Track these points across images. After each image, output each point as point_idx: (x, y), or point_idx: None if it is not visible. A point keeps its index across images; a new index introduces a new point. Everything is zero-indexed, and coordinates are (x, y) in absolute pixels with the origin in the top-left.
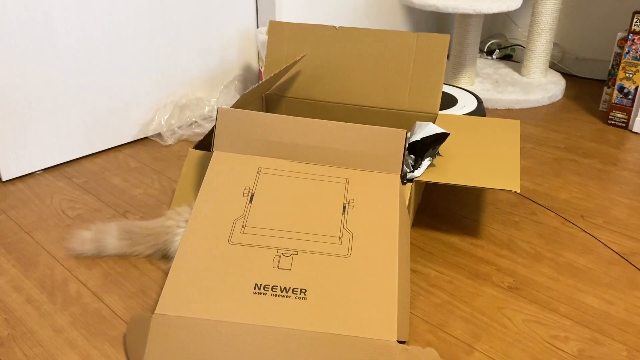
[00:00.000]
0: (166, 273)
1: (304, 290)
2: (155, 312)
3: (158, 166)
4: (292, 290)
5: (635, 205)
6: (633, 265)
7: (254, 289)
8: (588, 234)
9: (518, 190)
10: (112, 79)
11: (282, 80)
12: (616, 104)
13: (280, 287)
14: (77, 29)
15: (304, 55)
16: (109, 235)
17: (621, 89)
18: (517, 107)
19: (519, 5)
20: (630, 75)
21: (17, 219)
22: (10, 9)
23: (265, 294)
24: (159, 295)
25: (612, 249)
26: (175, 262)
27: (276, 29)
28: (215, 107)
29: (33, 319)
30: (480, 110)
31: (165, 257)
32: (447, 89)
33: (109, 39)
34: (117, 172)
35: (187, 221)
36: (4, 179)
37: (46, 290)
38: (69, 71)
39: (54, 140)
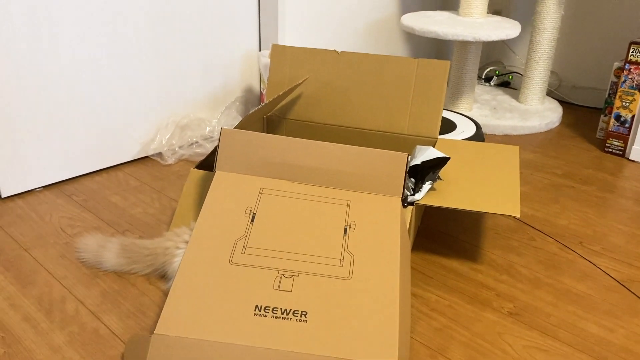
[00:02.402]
0: (165, 293)
1: (304, 313)
2: (154, 332)
3: (158, 185)
4: (293, 313)
5: (633, 232)
6: (632, 292)
7: (255, 310)
8: (587, 260)
9: (518, 216)
10: (114, 98)
11: (283, 102)
12: (613, 131)
13: (281, 309)
14: (81, 47)
15: (306, 79)
16: (108, 252)
17: (618, 117)
18: (514, 133)
19: (518, 34)
20: (627, 104)
21: (15, 235)
22: (17, 27)
23: (265, 316)
24: (158, 315)
25: (611, 276)
26: (175, 282)
27: (279, 52)
28: (216, 128)
29: (30, 337)
30: (478, 136)
31: (164, 277)
32: (445, 114)
33: (112, 59)
34: (117, 191)
35: (186, 242)
36: (3, 196)
37: (44, 309)
38: (71, 89)
39: (54, 157)
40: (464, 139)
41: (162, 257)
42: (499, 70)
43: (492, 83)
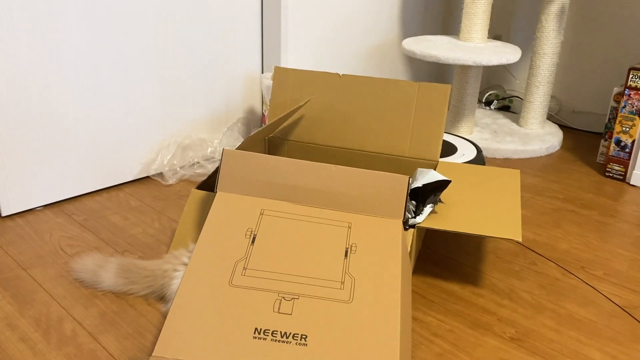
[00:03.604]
0: (164, 315)
1: (304, 336)
2: (152, 354)
3: (158, 205)
4: (293, 336)
5: (635, 257)
6: (635, 318)
7: (254, 333)
8: (589, 285)
9: (520, 240)
10: (115, 118)
11: (285, 124)
12: (613, 156)
13: (281, 332)
14: (85, 67)
15: (307, 101)
16: (107, 271)
17: (618, 142)
18: (515, 157)
19: (518, 59)
20: (627, 129)
21: (14, 254)
22: (20, 46)
23: (265, 339)
24: (156, 337)
25: (613, 302)
26: (174, 303)
27: (281, 74)
28: (218, 149)
29: (26, 358)
30: (479, 159)
31: (162, 299)
32: (446, 137)
33: (115, 79)
34: (118, 211)
35: (184, 264)
36: (3, 214)
37: (41, 329)
38: (73, 109)
39: (55, 176)
40: (465, 162)
41: (161, 280)
42: (499, 94)
43: (492, 107)
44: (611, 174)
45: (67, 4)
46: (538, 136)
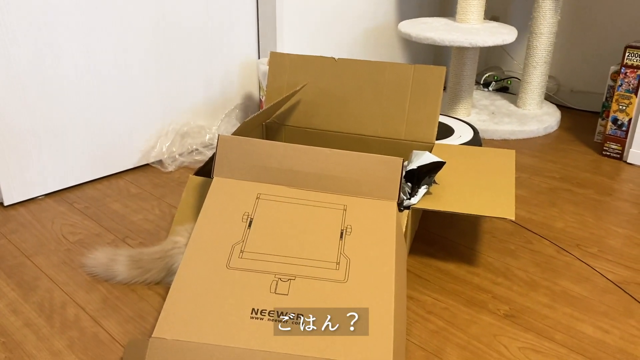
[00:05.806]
0: (164, 297)
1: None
2: (152, 335)
3: (158, 192)
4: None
5: (630, 234)
6: (628, 294)
7: (251, 313)
8: (583, 262)
9: (513, 218)
10: (115, 107)
11: (282, 109)
12: (610, 135)
13: (277, 311)
14: (83, 58)
15: (304, 86)
16: (119, 264)
17: (615, 120)
18: (512, 137)
19: (514, 39)
20: (624, 108)
21: (17, 243)
22: (19, 38)
23: (262, 319)
24: (156, 320)
25: (607, 278)
26: (173, 286)
27: (277, 59)
28: (216, 135)
29: (31, 342)
30: (476, 141)
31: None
32: (443, 119)
33: (113, 68)
34: (118, 198)
35: None
36: (6, 204)
37: (44, 314)
38: (73, 99)
39: (56, 166)
40: (462, 144)
41: (170, 251)
42: (497, 75)
43: (490, 88)
44: (608, 153)
45: None
46: (536, 117)
